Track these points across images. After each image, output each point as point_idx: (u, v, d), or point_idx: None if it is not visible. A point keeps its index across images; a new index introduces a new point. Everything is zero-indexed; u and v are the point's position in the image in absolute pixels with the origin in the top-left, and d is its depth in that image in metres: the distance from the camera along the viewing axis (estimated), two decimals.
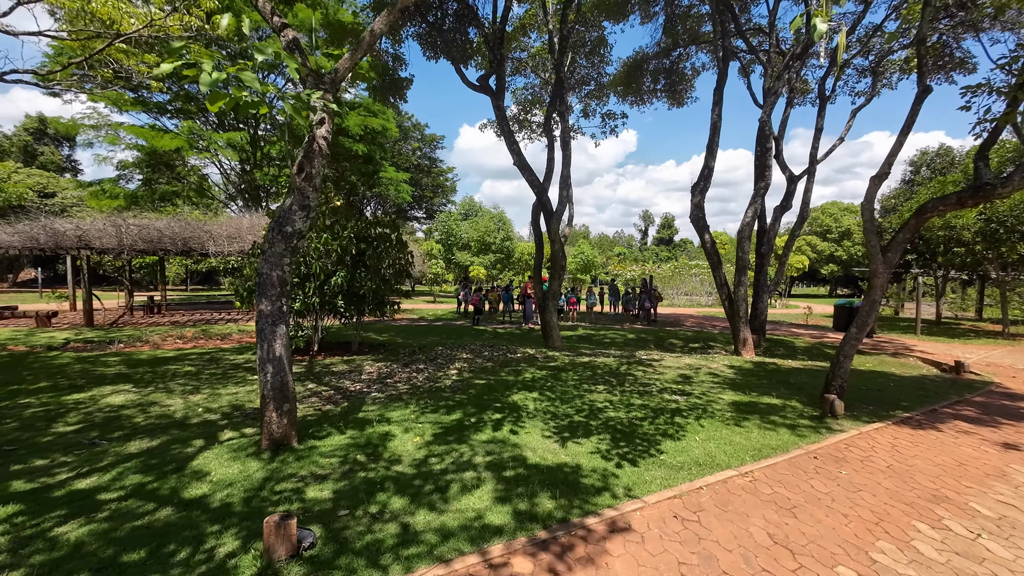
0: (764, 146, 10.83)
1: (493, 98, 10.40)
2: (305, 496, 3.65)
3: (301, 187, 4.24)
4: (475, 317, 18.52)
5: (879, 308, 6.23)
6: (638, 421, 5.77)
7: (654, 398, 6.91)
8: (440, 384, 7.61)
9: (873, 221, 6.58)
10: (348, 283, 9.74)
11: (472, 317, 20.69)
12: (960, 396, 7.61)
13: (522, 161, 10.56)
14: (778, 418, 6.03)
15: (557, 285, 11.40)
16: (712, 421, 5.83)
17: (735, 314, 11.13)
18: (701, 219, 11.72)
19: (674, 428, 5.52)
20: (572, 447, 4.83)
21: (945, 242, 17.47)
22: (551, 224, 10.75)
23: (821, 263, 49.15)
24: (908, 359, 12.10)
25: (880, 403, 6.96)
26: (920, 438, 5.44)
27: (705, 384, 7.95)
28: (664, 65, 18.08)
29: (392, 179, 32.23)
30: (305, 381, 7.76)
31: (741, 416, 6.08)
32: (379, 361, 9.59)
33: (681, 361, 10.18)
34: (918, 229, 6.31)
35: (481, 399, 6.69)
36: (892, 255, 6.44)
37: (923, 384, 8.52)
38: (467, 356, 10.26)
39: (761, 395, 7.25)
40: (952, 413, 6.57)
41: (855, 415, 6.30)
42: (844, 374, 6.66)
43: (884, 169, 6.52)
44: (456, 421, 5.64)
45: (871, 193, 6.61)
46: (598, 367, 9.25)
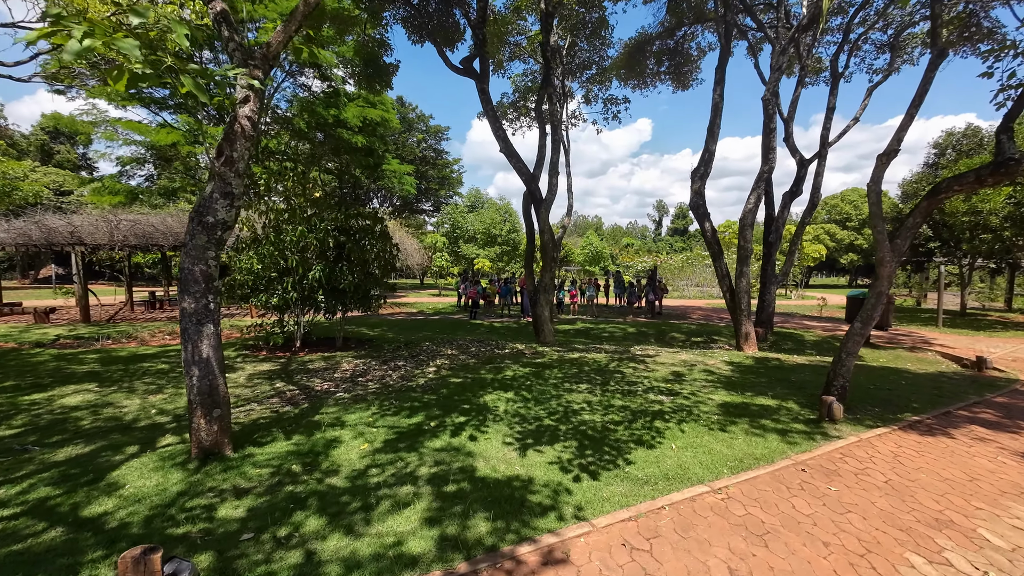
0: (768, 126, 10.10)
1: (477, 81, 9.89)
2: (215, 515, 3.29)
3: (221, 172, 3.85)
4: (472, 311, 18.14)
5: (885, 300, 5.61)
6: (613, 425, 5.30)
7: (637, 399, 6.42)
8: (413, 383, 7.24)
9: (880, 204, 5.93)
10: (328, 277, 9.41)
11: (470, 311, 20.34)
12: (979, 396, 6.94)
13: (509, 148, 10.05)
14: (769, 422, 5.50)
15: (549, 277, 10.91)
16: (695, 426, 5.33)
17: (736, 307, 10.50)
18: (701, 206, 11.07)
19: (651, 434, 5.03)
20: (531, 456, 4.40)
21: (971, 228, 16.42)
22: (539, 213, 10.24)
23: (840, 252, 47.53)
24: (926, 354, 11.32)
25: (887, 405, 6.35)
26: (928, 446, 4.85)
27: (697, 383, 7.42)
28: (668, 46, 17.27)
29: (396, 171, 31.95)
30: (275, 380, 7.46)
31: (728, 420, 5.56)
32: (359, 358, 9.26)
33: (677, 357, 9.62)
34: (931, 212, 5.66)
35: (451, 400, 6.28)
36: (901, 242, 5.80)
37: (939, 382, 7.84)
38: (452, 352, 9.87)
39: (756, 395, 6.70)
40: (968, 416, 5.94)
41: (857, 418, 5.72)
42: (846, 373, 6.07)
43: (893, 146, 5.85)
44: (415, 425, 5.24)
45: (878, 173, 5.96)
46: (586, 364, 8.77)
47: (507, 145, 10.04)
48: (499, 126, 9.98)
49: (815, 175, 13.06)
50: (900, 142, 5.82)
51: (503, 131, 10.03)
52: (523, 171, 10.24)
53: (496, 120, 9.96)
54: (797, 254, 37.61)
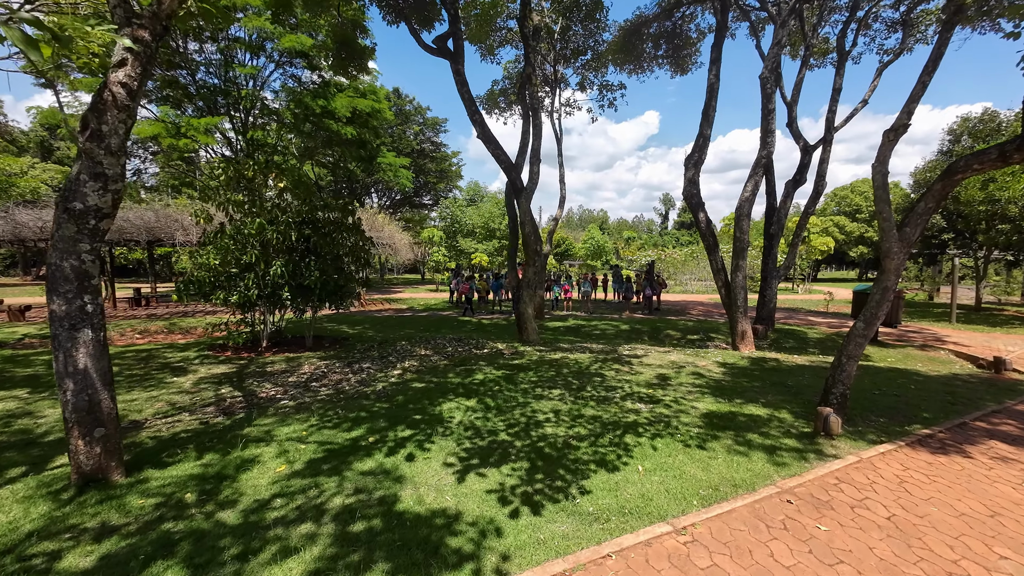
0: (767, 107, 9.32)
1: (452, 62, 9.19)
2: (56, 566, 2.70)
3: (88, 150, 3.22)
4: (465, 307, 17.54)
5: (892, 296, 4.90)
6: (577, 441, 4.65)
7: (612, 408, 5.76)
8: (370, 388, 6.63)
9: (886, 187, 5.20)
10: (291, 273, 8.82)
11: (462, 307, 19.74)
12: (999, 404, 6.20)
13: (486, 133, 9.36)
14: (756, 437, 4.82)
15: (532, 272, 10.24)
16: (671, 441, 4.66)
17: (732, 303, 9.77)
18: (695, 196, 10.33)
19: (618, 452, 4.38)
20: (470, 482, 3.76)
21: (987, 218, 15.48)
22: (520, 203, 9.56)
23: (850, 245, 46.29)
24: (938, 353, 10.54)
25: (894, 414, 5.64)
26: (940, 468, 4.15)
27: (683, 388, 6.74)
28: (666, 28, 16.38)
29: (391, 164, 31.30)
30: (223, 385, 6.88)
31: (710, 433, 4.89)
32: (325, 359, 8.68)
33: (667, 357, 8.94)
34: (945, 195, 4.92)
35: (403, 409, 5.67)
36: (911, 230, 5.07)
37: (952, 386, 7.10)
38: (425, 352, 9.26)
39: (746, 403, 6.01)
40: (986, 429, 5.22)
41: (859, 431, 5.03)
42: (847, 379, 5.37)
43: (902, 120, 5.10)
44: (351, 441, 4.63)
45: (884, 151, 5.21)
46: (566, 366, 8.12)
47: (484, 130, 9.35)
48: (475, 109, 9.28)
49: (820, 162, 12.24)
50: (910, 115, 5.07)
51: (480, 115, 9.33)
52: (503, 159, 9.55)
53: (472, 103, 9.26)
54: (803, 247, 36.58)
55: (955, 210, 16.96)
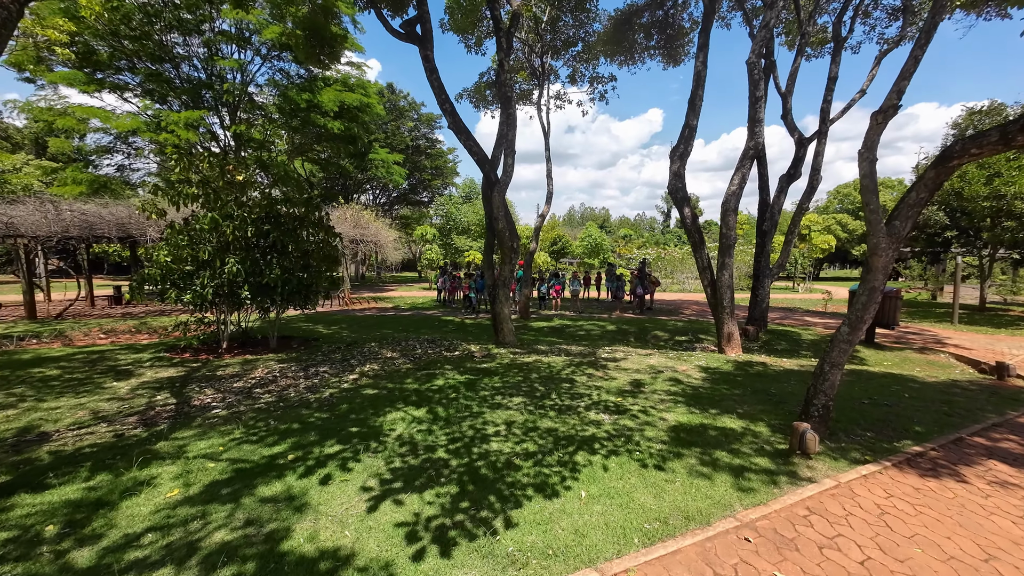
0: (754, 95, 8.75)
1: (420, 47, 8.67)
2: None
3: None
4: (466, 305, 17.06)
5: (880, 297, 4.37)
6: (522, 459, 4.15)
7: (573, 418, 5.26)
8: (317, 395, 6.14)
9: (874, 176, 4.66)
10: (249, 271, 8.35)
11: (448, 305, 19.26)
12: (1000, 415, 5.65)
13: (457, 123, 8.84)
14: (725, 455, 4.30)
15: (508, 271, 9.72)
16: (627, 460, 4.15)
17: (718, 304, 9.23)
18: (680, 189, 9.78)
19: (563, 474, 3.87)
20: (383, 512, 3.27)
21: (993, 215, 14.83)
22: (492, 197, 9.04)
23: (853, 243, 45.53)
24: (938, 356, 9.99)
25: (883, 427, 5.11)
26: (929, 496, 3.63)
27: (656, 395, 6.22)
28: (658, 17, 15.82)
29: (384, 161, 30.84)
30: (162, 391, 6.41)
31: (674, 450, 4.38)
32: (284, 362, 8.20)
33: (646, 361, 8.42)
34: (939, 185, 4.37)
35: (343, 420, 5.18)
36: (901, 224, 4.53)
37: (950, 395, 6.55)
38: (391, 355, 8.77)
39: (720, 414, 5.49)
40: (985, 446, 4.68)
41: (841, 448, 4.50)
42: (830, 390, 4.84)
43: (891, 100, 4.56)
44: (267, 459, 4.14)
45: (872, 135, 4.67)
46: (536, 370, 7.61)
47: (454, 119, 8.83)
48: (445, 97, 8.76)
49: (815, 155, 11.66)
50: (901, 94, 4.52)
51: (450, 103, 8.81)
52: (475, 150, 9.03)
53: (442, 91, 8.74)
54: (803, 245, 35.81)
55: (958, 206, 16.30)
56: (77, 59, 18.60)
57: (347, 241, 17.64)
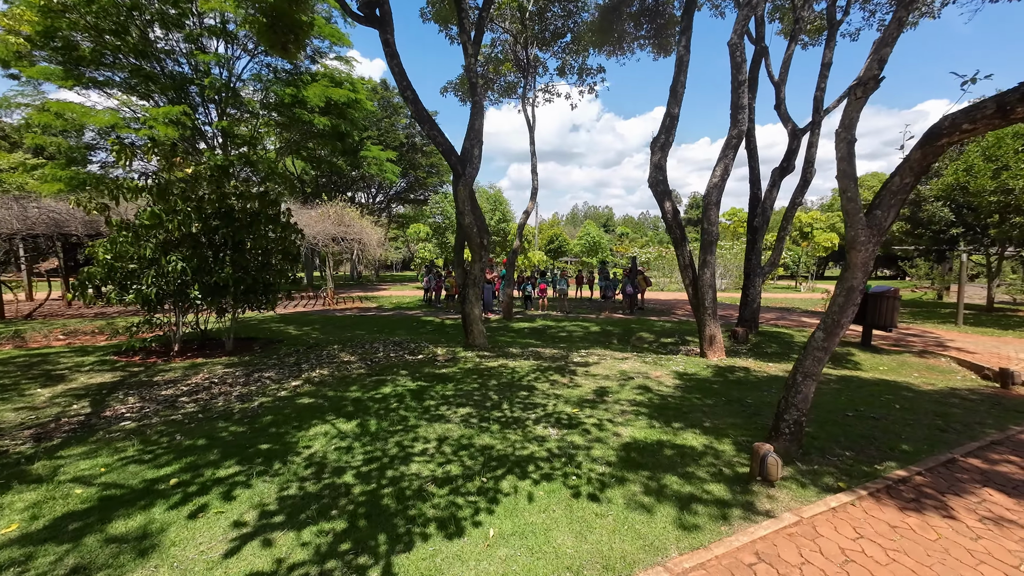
0: (737, 79, 8.13)
1: (380, 31, 8.13)
2: None
3: None
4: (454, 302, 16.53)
5: (858, 299, 3.77)
6: (437, 485, 3.60)
7: (516, 433, 4.70)
8: (245, 405, 5.63)
9: (851, 159, 4.06)
10: (197, 269, 7.86)
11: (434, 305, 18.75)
12: (1002, 430, 5.02)
13: (420, 112, 8.30)
14: (676, 481, 3.73)
15: (478, 269, 9.17)
16: (559, 488, 3.59)
17: (699, 304, 8.63)
18: (661, 182, 9.19)
19: (479, 504, 3.32)
20: (242, 556, 2.73)
21: (1000, 210, 14.07)
22: (457, 190, 8.49)
23: None
24: (939, 360, 9.33)
25: (866, 446, 4.51)
26: (907, 537, 3.03)
27: (619, 406, 5.65)
28: (648, 5, 15.19)
29: (376, 158, 30.37)
30: (82, 399, 5.92)
31: (619, 475, 3.81)
32: (231, 366, 7.70)
33: (619, 366, 7.84)
34: (926, 167, 3.77)
35: (259, 435, 4.65)
36: (883, 213, 3.93)
37: (947, 406, 5.92)
38: (350, 359, 8.26)
39: (685, 428, 4.91)
40: (980, 470, 4.07)
41: (813, 471, 3.91)
42: (802, 403, 4.25)
43: (870, 71, 3.96)
44: (147, 483, 3.62)
45: (851, 113, 4.08)
46: (497, 376, 7.06)
47: (417, 108, 8.28)
48: (407, 84, 8.21)
49: (808, 147, 11.02)
50: (883, 64, 3.92)
51: (412, 91, 8.25)
52: (439, 141, 8.48)
53: (403, 77, 8.19)
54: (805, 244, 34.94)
55: (964, 202, 15.53)
56: (56, 54, 18.24)
57: (327, 239, 17.17)
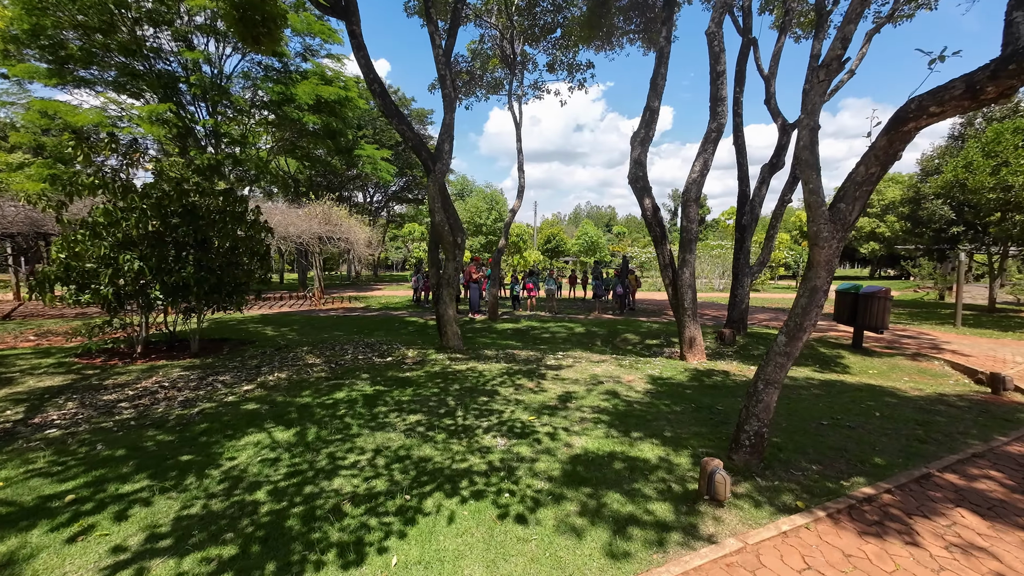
0: (715, 70, 7.78)
1: (346, 22, 7.85)
2: None
3: None
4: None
5: (822, 300, 3.43)
6: (354, 504, 3.30)
7: (461, 444, 4.40)
8: (185, 411, 5.35)
9: (815, 147, 3.74)
10: (155, 268, 7.60)
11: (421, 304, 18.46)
12: (986, 442, 4.67)
13: (388, 106, 8.01)
14: (618, 499, 3.41)
15: (452, 269, 8.87)
16: (487, 507, 3.29)
17: (679, 305, 8.30)
18: (641, 178, 8.85)
19: (393, 527, 3.02)
20: None
21: (1000, 207, 13.63)
22: (428, 186, 8.20)
23: (860, 241, 43.91)
24: (932, 363, 8.95)
25: (835, 459, 4.17)
26: (861, 568, 2.70)
27: (581, 413, 5.34)
28: None
29: (370, 156, 30.16)
30: (20, 403, 5.66)
31: (556, 492, 3.50)
32: (189, 368, 7.43)
33: (592, 369, 7.52)
34: (894, 155, 3.43)
35: (185, 444, 4.37)
36: (847, 206, 3.60)
37: (931, 413, 5.56)
38: (315, 361, 7.99)
39: (644, 438, 4.59)
40: (956, 487, 3.72)
41: (773, 487, 3.58)
42: (764, 413, 3.92)
43: (834, 51, 3.62)
44: (41, 499, 3.34)
45: (815, 98, 3.75)
46: (462, 380, 6.77)
47: (385, 102, 8.00)
48: (374, 77, 7.92)
49: (796, 143, 10.63)
50: (847, 43, 3.58)
51: (380, 84, 7.98)
52: (408, 136, 8.20)
53: (370, 70, 7.90)
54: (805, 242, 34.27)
55: (964, 199, 15.10)
56: (44, 52, 18.11)
57: (314, 239, 16.94)
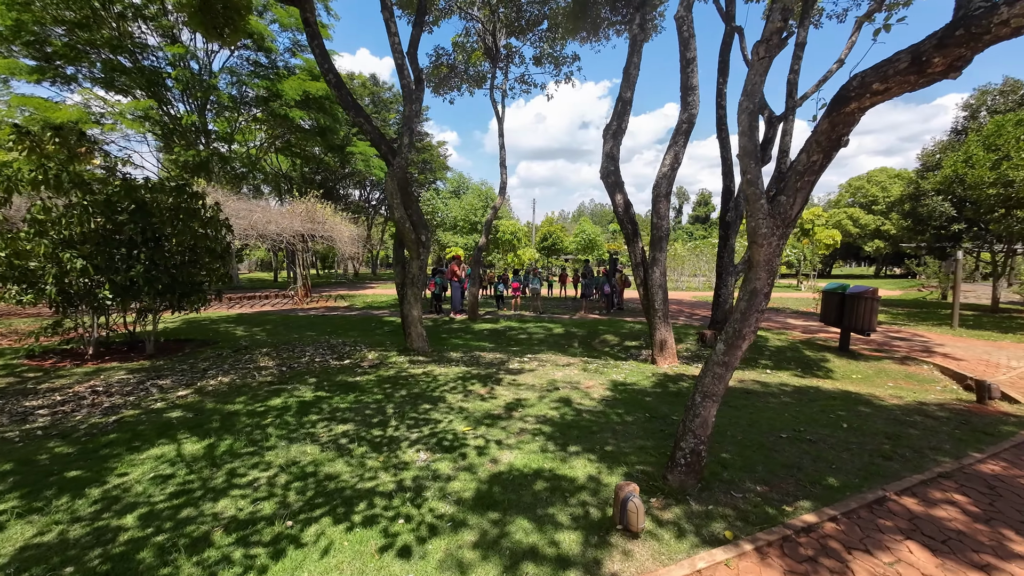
0: (685, 56, 7.35)
1: (300, 9, 7.51)
2: None
3: None
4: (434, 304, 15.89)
5: (763, 304, 3.02)
6: (230, 530, 2.96)
7: (378, 459, 4.05)
8: (103, 419, 5.05)
9: (754, 133, 3.33)
10: (100, 267, 7.32)
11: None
12: (957, 458, 4.24)
13: (345, 99, 7.65)
14: (524, 526, 3.04)
15: (416, 267, 8.53)
16: (373, 535, 2.94)
17: (650, 306, 7.90)
18: (613, 173, 8.45)
19: (258, 560, 2.68)
20: None
21: (1002, 203, 13.05)
22: (386, 181, 7.85)
23: (865, 239, 43.11)
24: (921, 367, 8.49)
25: (787, 477, 3.77)
26: None
27: (523, 423, 4.97)
28: None
29: (363, 153, 29.89)
30: None
31: (459, 517, 3.14)
32: (136, 371, 7.15)
33: (553, 374, 7.15)
34: (837, 140, 3.02)
35: (83, 457, 4.06)
36: (788, 199, 3.20)
37: (906, 425, 5.13)
38: (267, 364, 7.68)
39: (581, 452, 4.22)
40: (912, 513, 3.31)
41: (705, 512, 3.20)
42: (701, 429, 3.53)
43: (774, 23, 3.21)
44: None
45: (755, 77, 3.34)
46: (414, 384, 6.43)
47: (342, 94, 7.64)
48: (329, 67, 7.56)
49: (782, 134, 10.19)
50: (787, 15, 3.17)
51: (335, 75, 7.62)
52: (367, 129, 7.83)
53: (325, 59, 7.55)
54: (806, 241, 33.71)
55: (964, 195, 14.51)
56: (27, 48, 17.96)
57: (295, 236, 16.66)
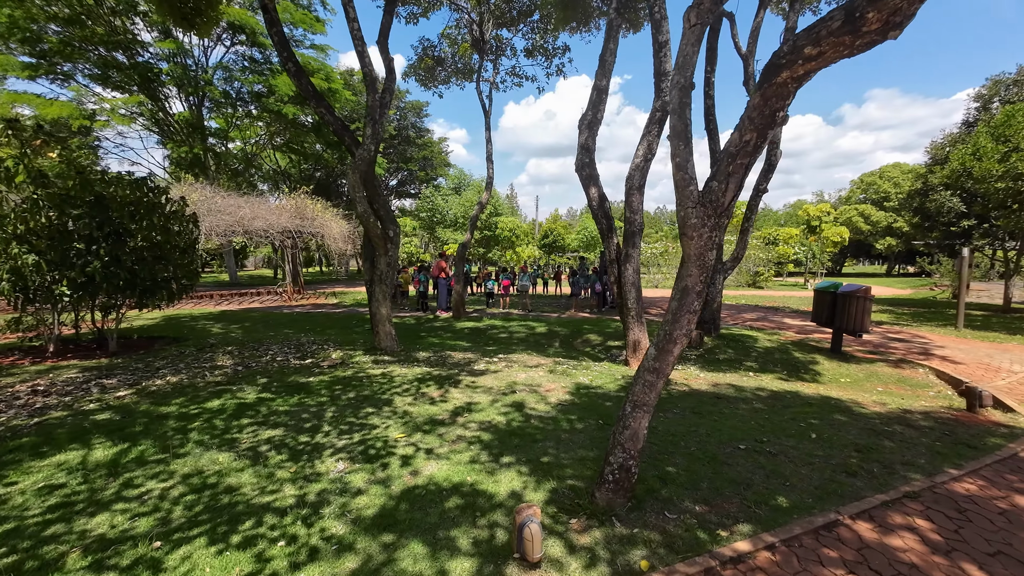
0: (657, 39, 6.93)
1: None
2: None
3: None
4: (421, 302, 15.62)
5: (696, 304, 2.64)
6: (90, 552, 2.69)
7: (293, 468, 3.77)
8: (23, 422, 4.82)
9: (685, 112, 2.95)
10: (56, 263, 7.14)
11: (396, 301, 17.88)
12: (929, 475, 3.82)
13: (306, 88, 7.36)
14: (417, 551, 2.72)
15: (384, 264, 8.23)
16: (242, 563, 2.64)
17: (623, 305, 7.51)
18: (587, 166, 8.06)
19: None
20: None
21: (1012, 197, 12.39)
22: (348, 175, 7.56)
23: (876, 236, 41.99)
24: (916, 371, 8.02)
25: (731, 495, 3.40)
26: None
27: (465, 430, 4.65)
28: None
29: None
30: None
31: (348, 541, 2.83)
32: (87, 369, 6.97)
33: (515, 376, 6.82)
34: (771, 117, 2.64)
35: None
36: (720, 185, 2.83)
37: (882, 436, 4.71)
38: (224, 363, 7.46)
39: (513, 465, 3.88)
40: (864, 543, 2.92)
41: (627, 537, 2.85)
42: (631, 442, 3.17)
43: None
44: None
45: (685, 47, 2.97)
46: (367, 386, 6.16)
47: (302, 84, 7.35)
48: (288, 55, 7.28)
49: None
50: None
51: (295, 64, 7.33)
52: (329, 120, 7.54)
53: (284, 48, 7.26)
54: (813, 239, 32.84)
55: (971, 190, 13.84)
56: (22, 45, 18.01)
57: (282, 233, 16.49)
